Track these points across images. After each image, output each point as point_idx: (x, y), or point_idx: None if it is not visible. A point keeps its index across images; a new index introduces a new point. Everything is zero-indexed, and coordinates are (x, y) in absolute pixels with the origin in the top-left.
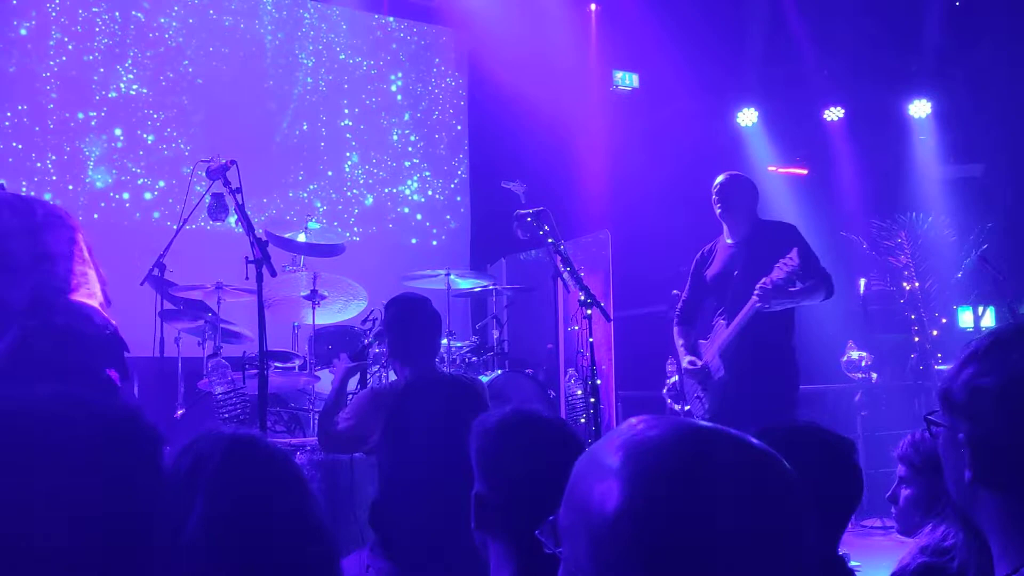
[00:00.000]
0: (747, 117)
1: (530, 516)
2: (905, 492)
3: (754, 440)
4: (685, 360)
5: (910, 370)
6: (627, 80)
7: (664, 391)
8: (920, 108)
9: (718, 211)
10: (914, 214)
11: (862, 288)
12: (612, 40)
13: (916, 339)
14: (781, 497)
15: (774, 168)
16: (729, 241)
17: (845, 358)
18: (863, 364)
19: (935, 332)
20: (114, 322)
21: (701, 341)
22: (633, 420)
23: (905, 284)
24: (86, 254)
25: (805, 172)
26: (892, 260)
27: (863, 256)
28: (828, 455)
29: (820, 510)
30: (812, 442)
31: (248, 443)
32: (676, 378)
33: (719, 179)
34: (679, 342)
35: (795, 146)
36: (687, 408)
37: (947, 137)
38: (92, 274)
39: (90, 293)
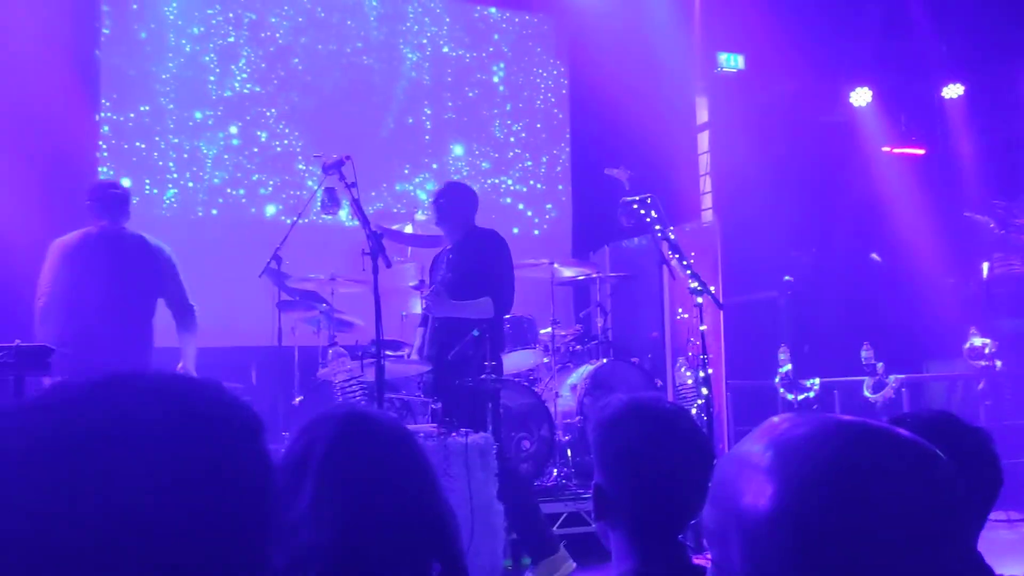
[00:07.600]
0: (860, 97)
1: (650, 506)
2: None
3: (908, 434)
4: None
5: None
6: (732, 62)
7: (776, 380)
8: None
9: (434, 219)
10: None
11: (985, 272)
12: (716, 21)
13: None
14: (943, 496)
15: (888, 148)
16: (448, 247)
17: (967, 345)
18: (987, 351)
19: None
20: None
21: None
22: (775, 419)
23: None
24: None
25: (922, 152)
26: (1022, 238)
27: (985, 238)
28: (970, 445)
29: None
30: (951, 431)
31: (362, 421)
32: (789, 367)
33: (437, 189)
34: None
35: (911, 125)
36: (800, 398)
37: None
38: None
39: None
